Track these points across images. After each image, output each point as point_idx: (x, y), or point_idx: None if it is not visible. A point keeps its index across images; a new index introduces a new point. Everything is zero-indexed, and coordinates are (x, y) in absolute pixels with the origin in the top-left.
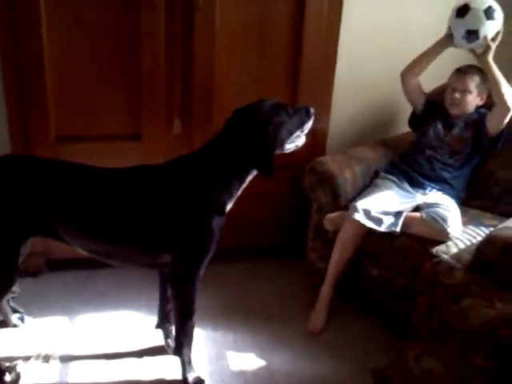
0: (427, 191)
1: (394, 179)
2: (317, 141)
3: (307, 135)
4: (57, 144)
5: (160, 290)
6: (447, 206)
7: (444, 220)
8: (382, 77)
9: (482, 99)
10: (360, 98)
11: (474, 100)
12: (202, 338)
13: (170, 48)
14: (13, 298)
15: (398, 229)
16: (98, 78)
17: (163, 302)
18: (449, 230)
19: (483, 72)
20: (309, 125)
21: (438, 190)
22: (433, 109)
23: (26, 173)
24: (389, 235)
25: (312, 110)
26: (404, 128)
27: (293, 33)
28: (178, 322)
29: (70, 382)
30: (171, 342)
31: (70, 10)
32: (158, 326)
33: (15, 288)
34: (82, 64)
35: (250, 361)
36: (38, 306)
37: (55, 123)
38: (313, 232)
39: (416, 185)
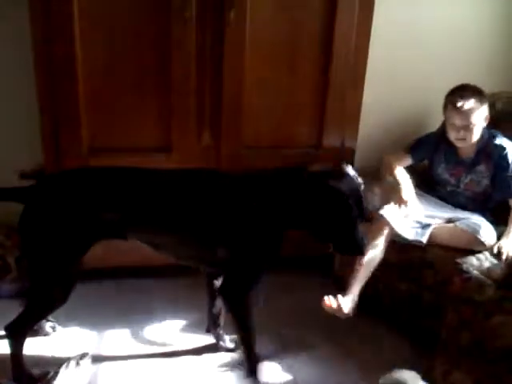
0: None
1: (423, 193)
2: (345, 155)
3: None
4: (88, 156)
5: (208, 295)
6: (479, 219)
7: (477, 227)
8: (411, 89)
9: (486, 119)
10: (388, 112)
11: (480, 127)
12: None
13: (200, 61)
14: None
15: (425, 240)
16: (129, 90)
17: (211, 306)
18: (482, 237)
19: (478, 91)
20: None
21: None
22: (431, 147)
23: (90, 182)
24: (418, 248)
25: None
26: None
27: (322, 49)
28: (238, 336)
29: None
30: (223, 344)
31: (104, 22)
32: (208, 331)
33: (48, 328)
34: (113, 77)
35: (276, 375)
36: (67, 315)
37: (87, 135)
38: None
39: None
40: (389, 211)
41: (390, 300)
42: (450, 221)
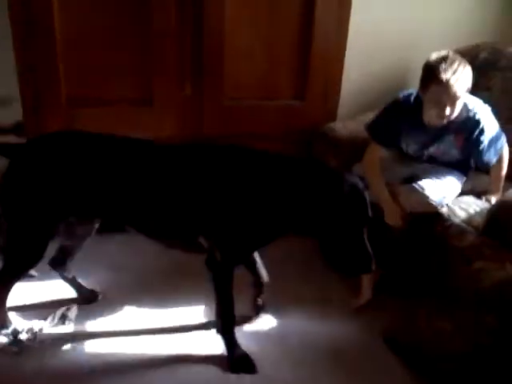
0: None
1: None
2: (327, 106)
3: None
4: (68, 108)
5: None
6: (438, 174)
7: (423, 189)
8: (393, 41)
9: (468, 89)
10: (371, 64)
11: (462, 100)
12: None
13: (180, 9)
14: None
15: None
16: (109, 41)
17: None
18: (428, 194)
19: (459, 59)
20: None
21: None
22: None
23: (79, 149)
24: None
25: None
26: None
27: None
28: (216, 306)
29: (85, 344)
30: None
31: None
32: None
33: (33, 272)
34: (92, 26)
35: (262, 320)
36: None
37: (66, 87)
38: None
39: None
40: None
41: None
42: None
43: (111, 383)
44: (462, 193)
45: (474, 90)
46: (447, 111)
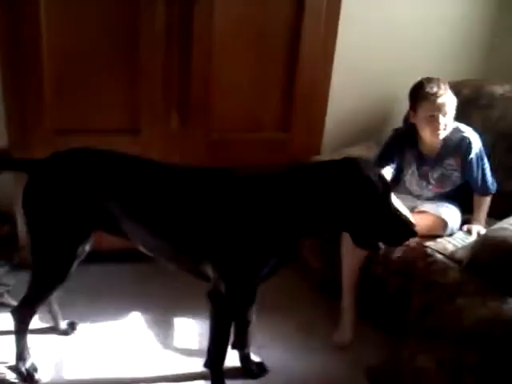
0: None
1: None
2: (312, 140)
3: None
4: (54, 136)
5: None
6: (442, 203)
7: (440, 209)
8: (379, 76)
9: (455, 106)
10: (356, 98)
11: (452, 119)
12: (199, 330)
13: (168, 42)
14: (7, 290)
15: None
16: (97, 72)
17: (241, 323)
18: (446, 217)
19: (442, 80)
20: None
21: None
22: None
23: (96, 165)
24: None
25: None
26: None
27: (291, 32)
28: (211, 339)
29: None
30: (247, 366)
31: (71, 4)
32: (233, 347)
33: (9, 281)
34: (80, 56)
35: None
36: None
37: (52, 115)
38: None
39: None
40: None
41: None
42: (413, 209)
43: None
44: None
45: None
46: (441, 124)
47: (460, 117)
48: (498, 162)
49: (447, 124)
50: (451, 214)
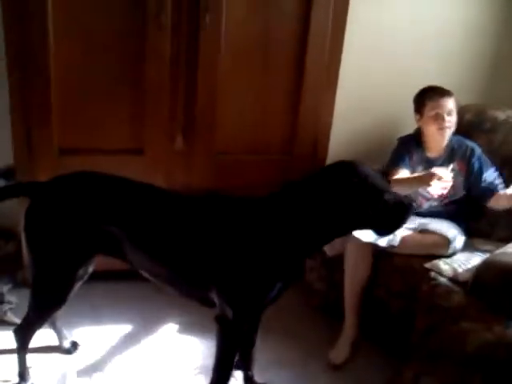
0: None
1: None
2: (316, 161)
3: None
4: (59, 156)
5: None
6: (445, 223)
7: (445, 229)
8: (381, 96)
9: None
10: (359, 121)
11: (456, 121)
12: (200, 352)
13: (174, 65)
14: (10, 308)
15: (397, 243)
16: (103, 92)
17: (245, 345)
18: (449, 236)
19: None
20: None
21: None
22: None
23: (99, 190)
24: (386, 255)
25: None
26: None
27: (296, 52)
28: (216, 361)
29: None
30: None
31: (79, 24)
32: (237, 368)
33: (12, 298)
34: (87, 78)
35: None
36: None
37: (58, 135)
38: None
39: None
40: (361, 231)
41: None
42: (416, 230)
43: None
44: None
45: None
46: (446, 121)
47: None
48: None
49: (452, 123)
50: (454, 232)
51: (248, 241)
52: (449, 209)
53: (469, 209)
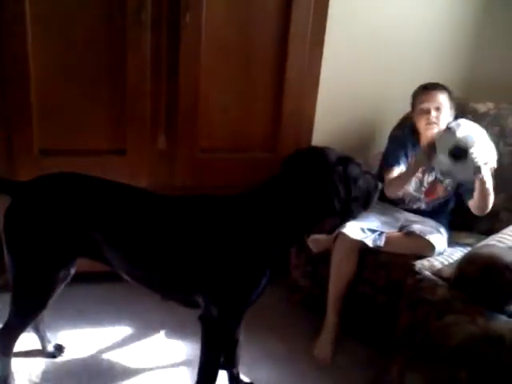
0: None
1: (378, 206)
2: None
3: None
4: (40, 157)
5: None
6: (431, 224)
7: (427, 233)
8: (363, 97)
9: (452, 110)
10: (342, 117)
11: (447, 118)
12: (185, 352)
13: (155, 64)
14: None
15: (382, 243)
16: (83, 92)
17: (229, 343)
18: (433, 242)
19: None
20: (372, 200)
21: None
22: (401, 147)
23: (80, 192)
24: (372, 252)
25: (380, 186)
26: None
27: (278, 48)
28: (202, 361)
29: None
30: None
31: (56, 24)
32: (222, 367)
33: None
34: (67, 78)
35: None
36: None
37: (39, 136)
38: (296, 248)
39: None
40: (350, 228)
41: (346, 303)
42: (402, 228)
43: None
44: None
45: None
46: (433, 116)
47: None
48: None
49: (440, 119)
50: (439, 237)
51: (230, 238)
52: (435, 207)
53: (453, 205)
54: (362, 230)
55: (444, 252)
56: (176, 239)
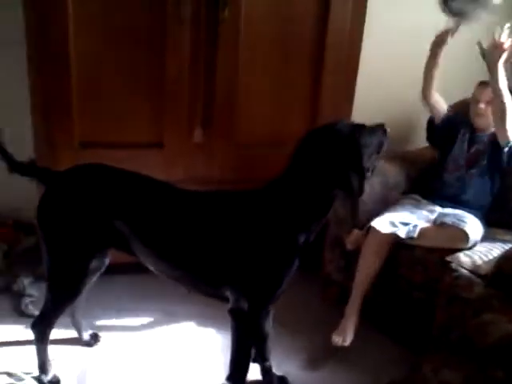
0: (447, 208)
1: (416, 197)
2: None
3: None
4: (80, 149)
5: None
6: (464, 215)
7: (461, 223)
8: (402, 90)
9: None
10: (379, 111)
11: None
12: (216, 345)
13: (194, 59)
14: (31, 301)
15: (416, 234)
16: (123, 86)
17: (260, 336)
18: (467, 231)
19: None
20: (385, 146)
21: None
22: (455, 123)
23: (109, 184)
24: (407, 247)
25: (388, 130)
26: (421, 143)
27: (315, 47)
28: (233, 354)
29: None
30: (269, 379)
31: (99, 18)
32: (254, 360)
33: (33, 291)
34: (107, 71)
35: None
36: None
37: (79, 128)
38: (330, 243)
39: (437, 203)
40: (380, 222)
41: (380, 300)
42: (435, 222)
43: None
44: None
45: None
46: (481, 107)
47: None
48: None
49: (487, 113)
50: (472, 226)
51: (257, 228)
52: (474, 183)
53: (491, 191)
54: (393, 223)
55: (479, 242)
56: (202, 232)
